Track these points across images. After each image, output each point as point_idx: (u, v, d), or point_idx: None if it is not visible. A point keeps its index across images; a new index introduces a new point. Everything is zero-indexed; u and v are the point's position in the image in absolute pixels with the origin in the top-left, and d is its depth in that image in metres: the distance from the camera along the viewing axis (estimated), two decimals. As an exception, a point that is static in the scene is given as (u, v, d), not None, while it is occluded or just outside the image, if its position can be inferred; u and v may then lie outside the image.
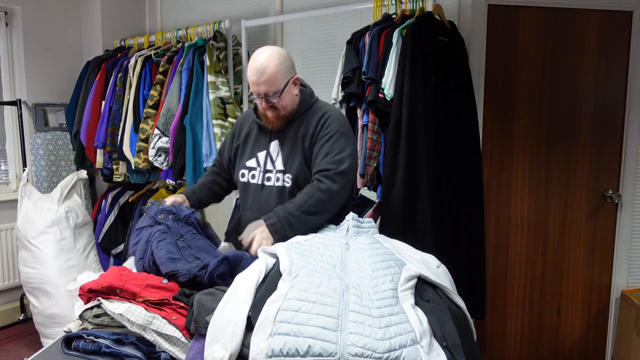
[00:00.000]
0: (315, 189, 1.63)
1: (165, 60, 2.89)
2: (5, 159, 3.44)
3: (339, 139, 1.69)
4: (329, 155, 1.67)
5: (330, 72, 2.73)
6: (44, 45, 3.42)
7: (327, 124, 1.72)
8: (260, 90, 1.65)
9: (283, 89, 1.66)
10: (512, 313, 2.64)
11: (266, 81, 1.63)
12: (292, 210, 1.59)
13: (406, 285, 1.16)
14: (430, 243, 1.99)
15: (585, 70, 2.51)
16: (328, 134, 1.70)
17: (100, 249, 3.24)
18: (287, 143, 1.75)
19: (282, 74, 1.65)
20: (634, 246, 2.60)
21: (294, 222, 1.57)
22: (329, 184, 1.63)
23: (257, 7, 3.12)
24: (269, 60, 1.63)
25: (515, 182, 2.57)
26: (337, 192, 1.64)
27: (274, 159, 1.77)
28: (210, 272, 1.40)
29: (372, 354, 0.95)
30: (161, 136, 2.75)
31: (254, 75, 1.64)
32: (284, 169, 1.74)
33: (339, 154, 1.67)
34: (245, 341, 1.07)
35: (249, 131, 1.85)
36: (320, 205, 1.61)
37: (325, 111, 1.76)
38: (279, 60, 1.64)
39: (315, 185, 1.64)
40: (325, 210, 1.62)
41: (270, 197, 1.75)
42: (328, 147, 1.68)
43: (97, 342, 1.28)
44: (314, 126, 1.72)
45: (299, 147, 1.73)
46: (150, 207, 1.69)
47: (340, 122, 1.74)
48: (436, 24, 2.14)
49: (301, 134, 1.74)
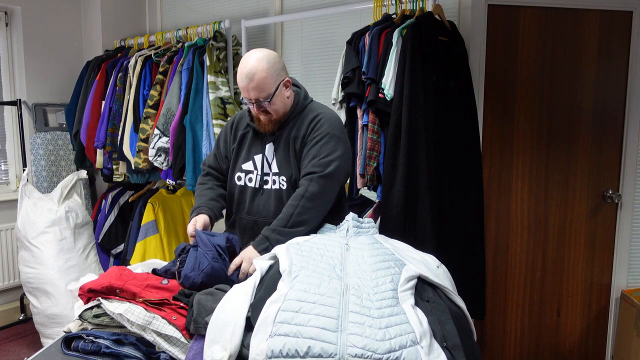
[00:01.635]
0: (299, 198, 1.61)
1: (165, 60, 2.89)
2: (5, 159, 3.44)
3: (328, 142, 1.67)
4: (315, 158, 1.65)
5: (330, 72, 2.73)
6: (44, 45, 3.42)
7: (317, 126, 1.70)
8: (250, 96, 1.64)
9: (274, 93, 1.64)
10: (512, 313, 2.64)
11: (256, 87, 1.61)
12: (279, 229, 1.58)
13: (406, 285, 1.16)
14: (430, 243, 1.98)
15: (585, 70, 2.51)
16: (318, 136, 1.68)
17: (100, 249, 3.23)
18: (280, 146, 1.74)
19: (272, 78, 1.63)
20: (634, 246, 2.60)
21: (284, 240, 1.52)
22: (312, 188, 1.61)
23: (257, 7, 3.12)
24: (257, 64, 1.61)
25: (515, 182, 2.57)
26: (320, 195, 1.62)
27: (270, 162, 1.75)
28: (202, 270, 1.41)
29: (372, 354, 0.95)
30: (161, 136, 2.75)
31: (244, 81, 1.62)
32: (279, 172, 1.73)
33: (326, 157, 1.65)
34: (245, 341, 1.07)
35: (244, 133, 1.83)
36: (306, 214, 1.59)
37: (318, 113, 1.73)
38: (268, 64, 1.62)
39: (299, 193, 1.62)
40: (312, 216, 1.61)
41: (269, 201, 1.74)
42: (316, 150, 1.66)
43: (97, 342, 1.28)
44: (305, 128, 1.71)
45: (291, 149, 1.72)
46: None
47: (332, 124, 1.72)
48: (436, 24, 2.14)
49: (293, 136, 1.72)
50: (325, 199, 1.65)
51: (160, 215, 3.02)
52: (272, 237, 1.57)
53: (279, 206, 1.68)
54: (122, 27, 3.59)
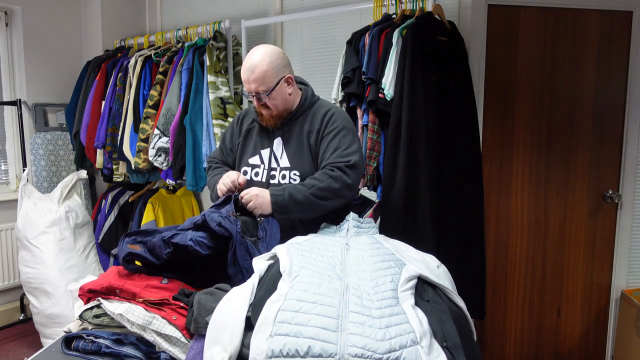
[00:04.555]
0: (327, 176, 1.63)
1: (165, 60, 2.89)
2: (5, 159, 3.44)
3: (346, 135, 1.71)
4: (338, 149, 1.68)
5: (330, 72, 2.73)
6: (44, 45, 3.42)
7: (332, 119, 1.73)
8: (250, 88, 1.67)
9: (273, 87, 1.66)
10: (512, 313, 2.64)
11: (256, 79, 1.64)
12: (300, 188, 1.60)
13: (406, 285, 1.16)
14: (430, 243, 1.98)
15: (585, 70, 2.51)
16: (335, 129, 1.71)
17: (100, 249, 3.23)
18: (292, 140, 1.75)
19: (273, 72, 1.65)
20: (634, 246, 2.60)
21: (299, 200, 1.58)
22: (341, 174, 1.63)
23: (257, 7, 3.12)
24: (260, 58, 1.65)
25: (515, 182, 2.57)
26: (348, 184, 1.64)
27: (278, 156, 1.76)
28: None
29: (372, 354, 0.95)
30: (161, 136, 2.75)
31: (245, 74, 1.66)
32: (290, 166, 1.74)
33: (347, 149, 1.68)
34: (245, 341, 1.07)
35: (249, 128, 1.85)
36: (329, 191, 1.61)
37: (329, 108, 1.77)
38: (271, 58, 1.65)
39: (327, 173, 1.64)
40: (333, 197, 1.63)
41: None
42: (337, 142, 1.69)
43: (97, 342, 1.28)
44: (320, 122, 1.73)
45: (305, 144, 1.73)
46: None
47: (345, 118, 1.77)
48: (436, 24, 2.14)
49: (306, 130, 1.74)
50: (351, 189, 1.67)
51: (160, 215, 3.02)
52: (288, 189, 1.60)
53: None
54: (122, 27, 3.59)
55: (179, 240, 1.40)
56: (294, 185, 1.64)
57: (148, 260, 1.44)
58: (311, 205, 1.60)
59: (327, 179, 1.62)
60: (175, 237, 1.41)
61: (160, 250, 1.41)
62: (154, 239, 1.43)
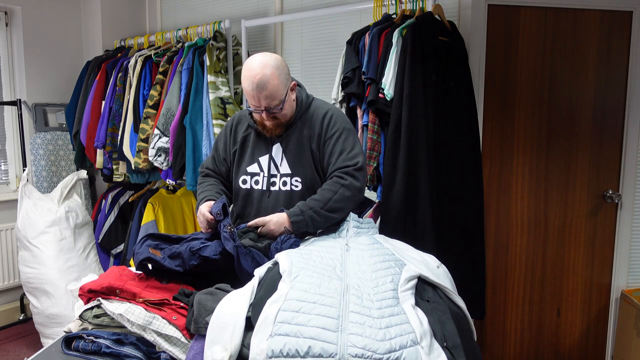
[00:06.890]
0: (339, 185, 1.62)
1: (165, 60, 2.89)
2: (5, 159, 3.44)
3: (348, 137, 1.70)
4: (343, 152, 1.67)
5: (330, 72, 2.73)
6: (44, 45, 3.42)
7: (332, 122, 1.71)
8: (261, 105, 1.61)
9: (284, 99, 1.63)
10: (512, 313, 2.64)
11: (268, 95, 1.58)
12: (316, 207, 1.58)
13: (406, 285, 1.16)
14: (430, 243, 1.98)
15: (585, 70, 2.51)
16: (337, 132, 1.70)
17: (100, 249, 3.23)
18: (291, 146, 1.72)
19: (282, 85, 1.61)
20: (634, 246, 2.60)
21: (318, 220, 1.57)
22: (351, 180, 1.63)
23: (257, 7, 3.12)
24: (270, 72, 1.57)
25: (515, 182, 2.57)
26: (359, 188, 1.64)
27: (277, 163, 1.73)
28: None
29: (373, 354, 0.95)
30: (161, 136, 2.75)
31: (254, 90, 1.57)
32: (291, 172, 1.71)
33: (352, 151, 1.68)
34: (245, 341, 1.07)
35: (245, 135, 1.79)
36: (344, 202, 1.60)
37: (327, 110, 1.75)
38: (278, 71, 1.59)
39: (337, 181, 1.63)
40: (347, 206, 1.62)
41: (278, 202, 1.72)
42: (341, 145, 1.68)
43: (97, 342, 1.28)
44: (319, 126, 1.71)
45: (307, 148, 1.71)
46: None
47: (344, 119, 1.76)
48: (436, 24, 2.14)
49: (306, 135, 1.72)
50: (361, 192, 1.67)
51: (160, 215, 3.01)
52: (308, 213, 1.57)
53: (288, 208, 1.63)
54: (122, 27, 3.59)
55: (208, 253, 1.41)
56: (309, 204, 1.59)
57: (164, 267, 1.44)
58: (329, 220, 1.59)
59: (340, 188, 1.61)
60: (204, 249, 1.42)
61: (184, 259, 1.42)
62: (181, 248, 1.43)
